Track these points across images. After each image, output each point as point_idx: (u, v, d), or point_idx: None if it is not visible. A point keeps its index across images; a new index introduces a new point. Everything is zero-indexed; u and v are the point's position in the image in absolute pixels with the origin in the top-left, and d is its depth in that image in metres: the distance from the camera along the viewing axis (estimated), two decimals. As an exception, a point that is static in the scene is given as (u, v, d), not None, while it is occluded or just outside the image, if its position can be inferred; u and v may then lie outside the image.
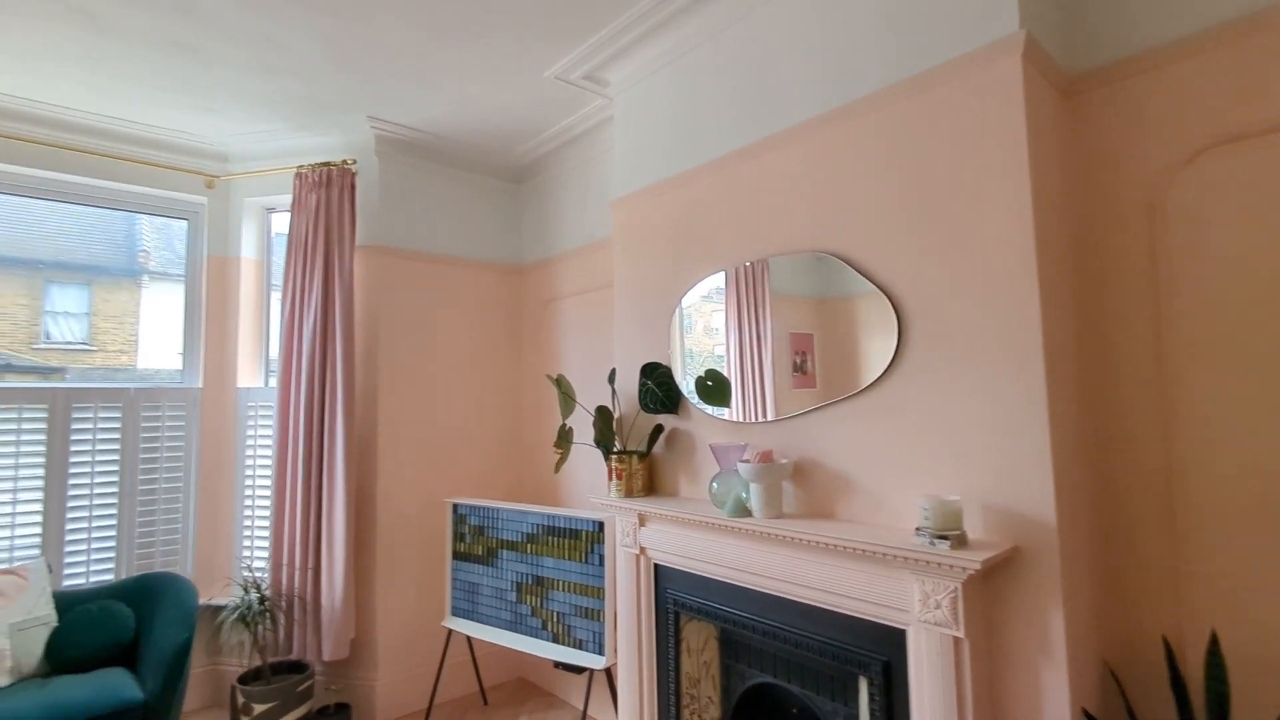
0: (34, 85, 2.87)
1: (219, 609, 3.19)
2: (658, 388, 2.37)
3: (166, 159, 3.43)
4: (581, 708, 3.22)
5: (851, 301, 1.87)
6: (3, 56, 2.65)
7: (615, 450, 2.47)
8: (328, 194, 3.23)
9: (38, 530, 2.99)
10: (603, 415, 2.51)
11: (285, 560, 3.07)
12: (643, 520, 2.33)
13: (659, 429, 2.42)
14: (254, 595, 2.86)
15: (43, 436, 3.04)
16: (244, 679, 2.80)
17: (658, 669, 2.28)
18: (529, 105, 3.14)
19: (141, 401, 3.30)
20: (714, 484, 2.09)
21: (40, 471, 3.02)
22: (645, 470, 2.43)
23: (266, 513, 3.33)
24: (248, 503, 3.43)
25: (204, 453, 3.43)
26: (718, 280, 2.27)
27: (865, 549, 1.61)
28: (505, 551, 3.02)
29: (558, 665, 2.73)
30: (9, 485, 2.94)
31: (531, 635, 2.89)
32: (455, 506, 3.24)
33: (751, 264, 2.16)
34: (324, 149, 3.41)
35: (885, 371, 1.78)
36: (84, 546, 3.10)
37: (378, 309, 3.32)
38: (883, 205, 1.82)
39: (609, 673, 2.64)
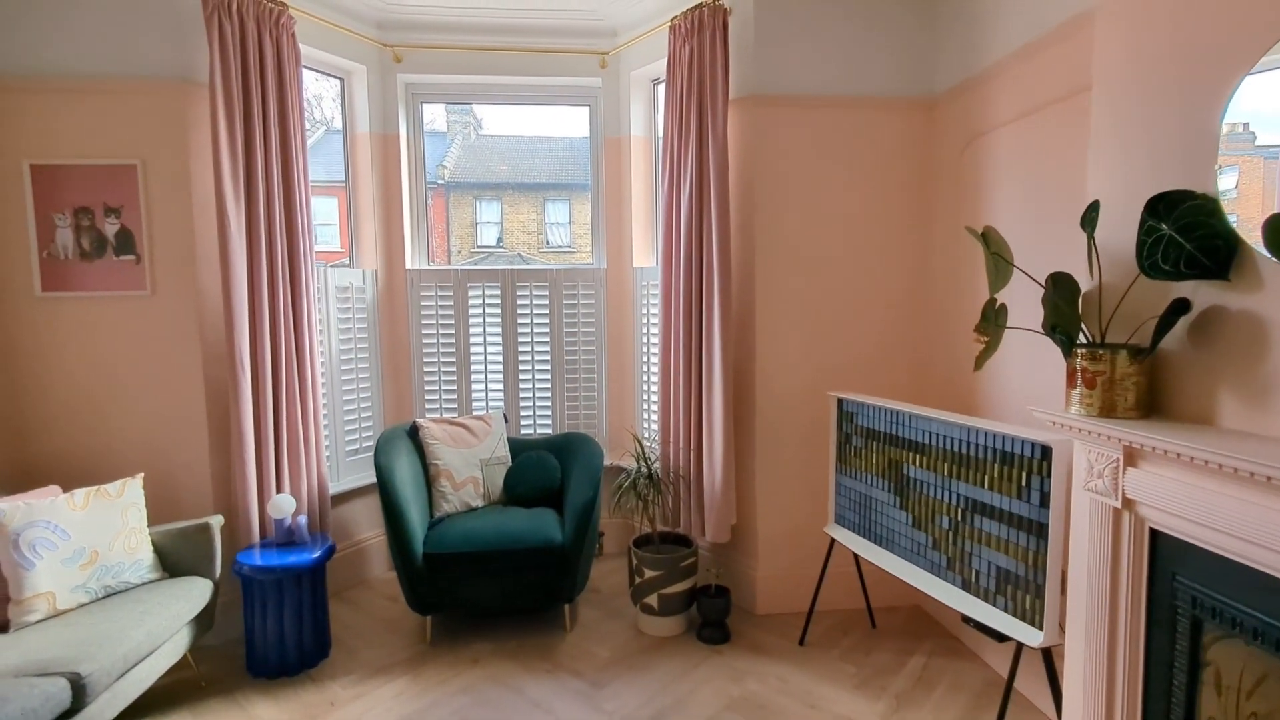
0: (462, -7, 3.18)
1: (620, 471, 3.46)
2: (1185, 233, 1.33)
3: (568, 44, 3.53)
4: (1003, 674, 2.49)
5: None
6: (434, -33, 2.94)
7: (1084, 343, 1.55)
8: (699, 42, 2.84)
9: (500, 385, 3.65)
10: (1061, 286, 1.59)
11: (672, 437, 3.08)
12: (1132, 457, 1.42)
13: (1179, 307, 1.39)
14: (644, 467, 2.94)
15: (498, 312, 3.63)
16: (638, 542, 2.97)
17: (1145, 695, 1.43)
18: None
19: (563, 282, 3.66)
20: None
21: (499, 338, 3.64)
22: (1141, 375, 1.46)
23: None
24: (644, 377, 3.58)
25: (610, 329, 3.67)
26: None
27: None
28: (902, 464, 2.40)
29: (967, 621, 2.06)
30: (479, 348, 3.63)
31: (933, 573, 2.26)
32: (841, 402, 2.73)
33: None
34: (698, -10, 3.00)
35: None
36: (530, 402, 3.68)
37: (754, 170, 2.88)
38: None
39: (1046, 653, 1.87)
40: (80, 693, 1.86)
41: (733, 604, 3.08)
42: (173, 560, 2.48)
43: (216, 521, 2.53)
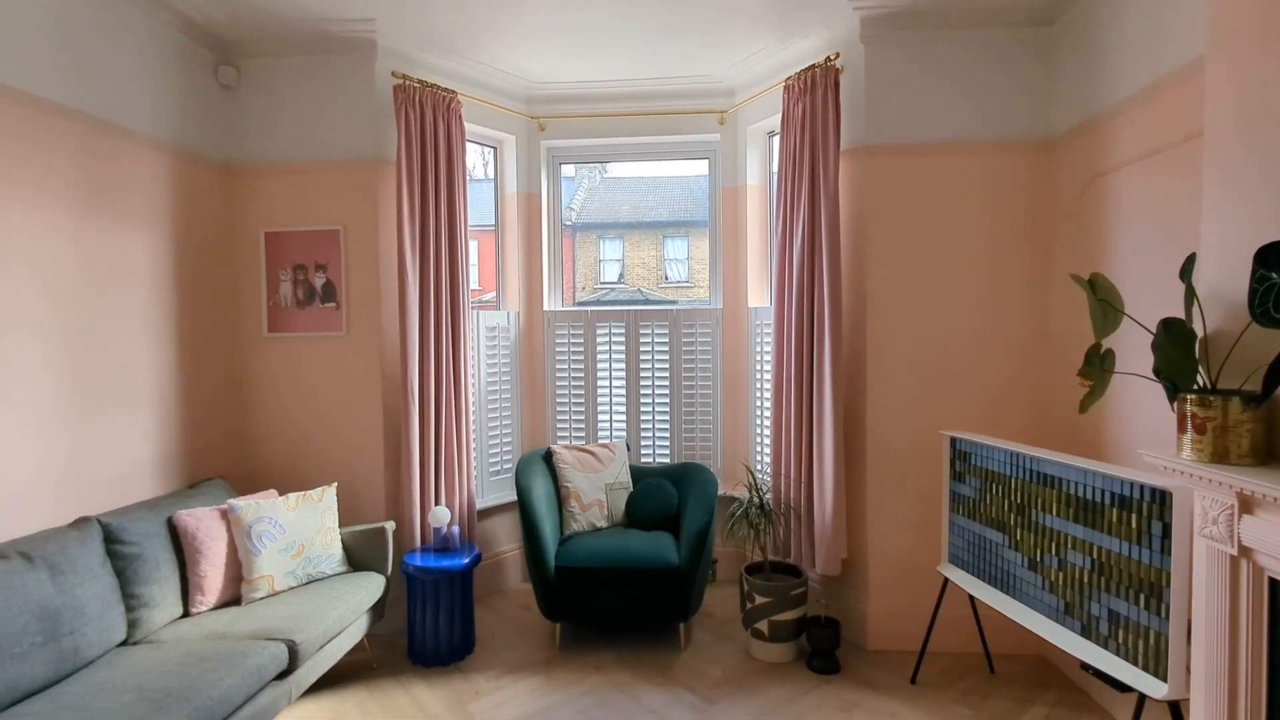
0: (592, 67, 3.61)
1: (733, 500, 3.63)
2: (1296, 284, 1.35)
3: (689, 105, 3.86)
4: (1136, 730, 2.37)
5: None
6: (566, 49, 3.39)
7: (1196, 390, 1.57)
8: (811, 100, 3.05)
9: (623, 416, 3.97)
10: (1173, 332, 1.62)
11: (783, 469, 3.22)
12: (1247, 504, 1.43)
13: (1295, 356, 1.40)
14: (755, 497, 3.10)
15: (623, 348, 3.97)
16: (750, 569, 3.11)
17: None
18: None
19: (682, 321, 3.94)
20: None
21: (623, 373, 3.97)
22: (1256, 422, 1.46)
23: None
24: (758, 412, 3.75)
25: (725, 366, 3.89)
26: None
27: None
28: (1016, 506, 2.40)
29: (1086, 668, 2.03)
30: (604, 381, 3.98)
31: (1049, 617, 2.23)
32: (954, 442, 2.75)
33: None
34: (811, 52, 3.23)
35: None
36: (650, 433, 3.96)
37: (866, 217, 3.02)
38: None
39: (1174, 707, 1.81)
40: (294, 656, 2.32)
41: (843, 637, 3.13)
42: (355, 557, 2.97)
43: (389, 527, 3.01)
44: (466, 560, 3.02)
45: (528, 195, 3.99)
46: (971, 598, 2.82)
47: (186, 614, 2.53)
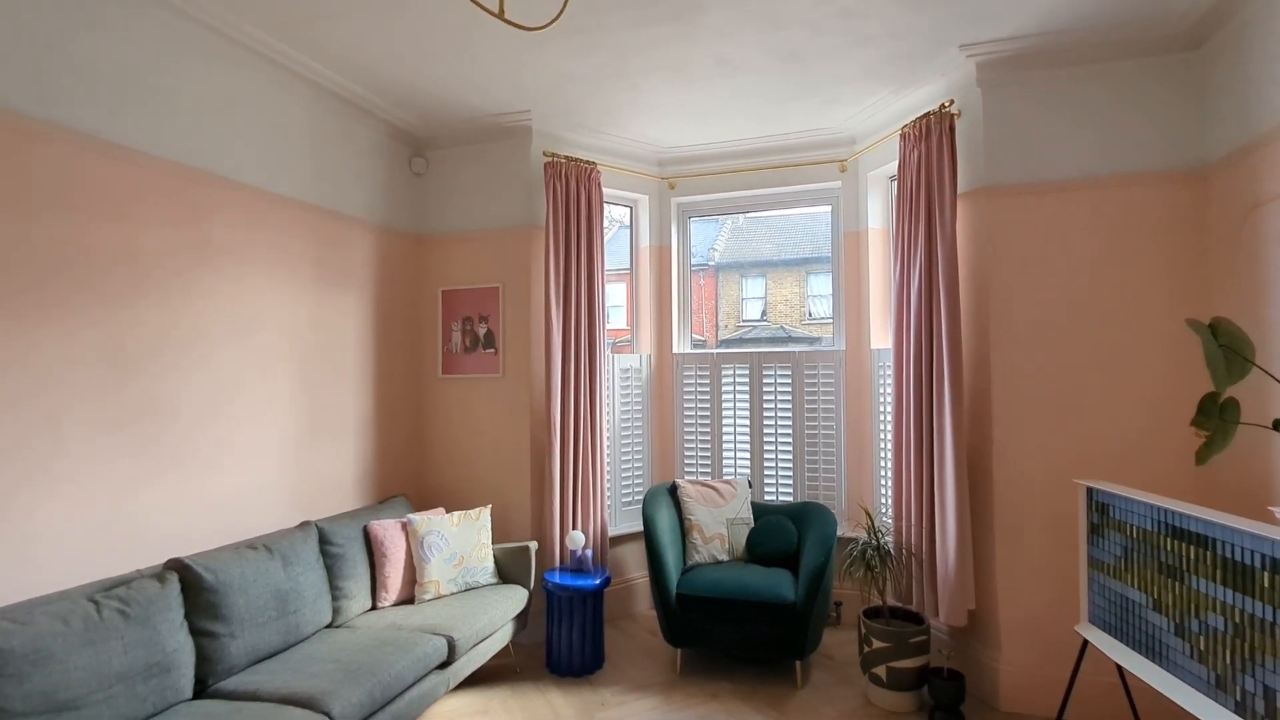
0: (716, 131, 3.92)
1: (853, 541, 3.61)
2: None
3: (810, 157, 4.04)
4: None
5: None
6: (690, 120, 3.74)
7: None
8: (926, 146, 3.11)
9: (746, 454, 4.13)
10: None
11: (904, 512, 3.19)
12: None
13: None
14: (874, 540, 3.11)
15: (747, 389, 4.15)
16: (869, 613, 3.11)
17: None
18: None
19: (804, 363, 4.05)
20: None
21: (746, 412, 4.14)
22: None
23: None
24: (882, 453, 3.72)
25: (848, 407, 3.92)
26: None
27: None
28: (1159, 564, 2.23)
29: (1236, 748, 1.84)
30: (729, 420, 4.17)
31: (1201, 690, 2.04)
32: (1091, 492, 2.60)
33: None
34: (929, 99, 3.29)
35: None
36: (773, 471, 4.07)
37: (988, 258, 2.98)
38: None
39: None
40: (453, 650, 2.75)
41: (969, 692, 2.99)
42: (504, 571, 3.41)
43: (533, 546, 3.42)
44: (598, 581, 3.34)
45: (659, 248, 4.36)
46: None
47: (373, 607, 3.08)
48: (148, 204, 2.43)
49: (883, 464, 3.73)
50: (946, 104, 3.06)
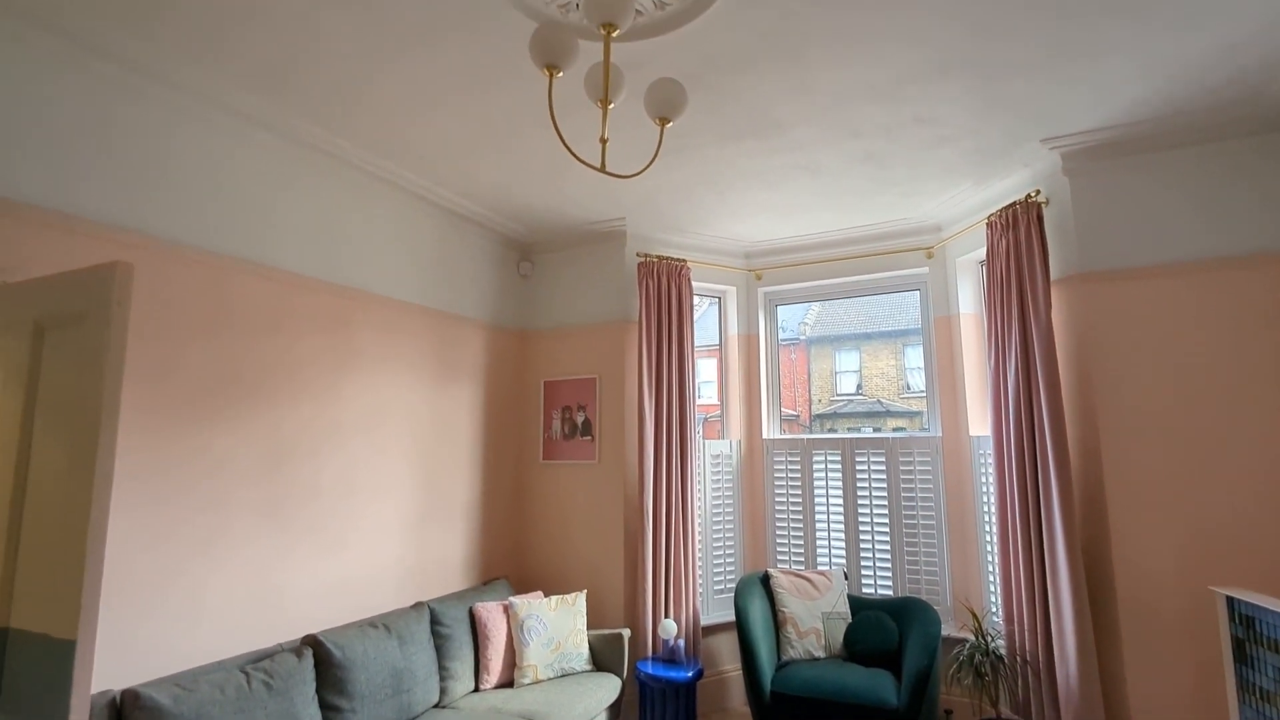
0: (800, 224, 4.09)
1: (960, 642, 3.39)
2: None
3: (896, 245, 4.11)
4: None
5: None
6: (774, 216, 3.93)
7: None
8: (1014, 235, 3.12)
9: (841, 543, 4.03)
10: None
11: (1015, 615, 3.00)
12: None
13: None
14: (983, 643, 2.94)
15: (839, 476, 4.11)
16: (983, 723, 2.90)
17: None
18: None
19: (898, 449, 3.97)
20: None
21: (840, 499, 4.08)
22: None
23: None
24: (988, 547, 3.53)
25: (948, 496, 3.78)
26: None
27: None
28: (1321, 687, 1.99)
29: None
30: (822, 507, 4.11)
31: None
32: (1232, 602, 2.37)
33: None
34: (1014, 189, 3.32)
35: None
36: (870, 563, 3.94)
37: (1087, 345, 2.90)
38: None
39: None
40: (549, 737, 2.82)
41: (1112, 828, 2.67)
42: (598, 657, 3.46)
43: (625, 634, 3.47)
44: (690, 674, 3.32)
45: (747, 336, 4.50)
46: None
47: (476, 688, 3.21)
48: (308, 319, 2.88)
49: (989, 558, 3.54)
50: (1033, 194, 3.08)
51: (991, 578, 3.51)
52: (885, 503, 3.95)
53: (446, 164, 3.23)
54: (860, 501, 4.02)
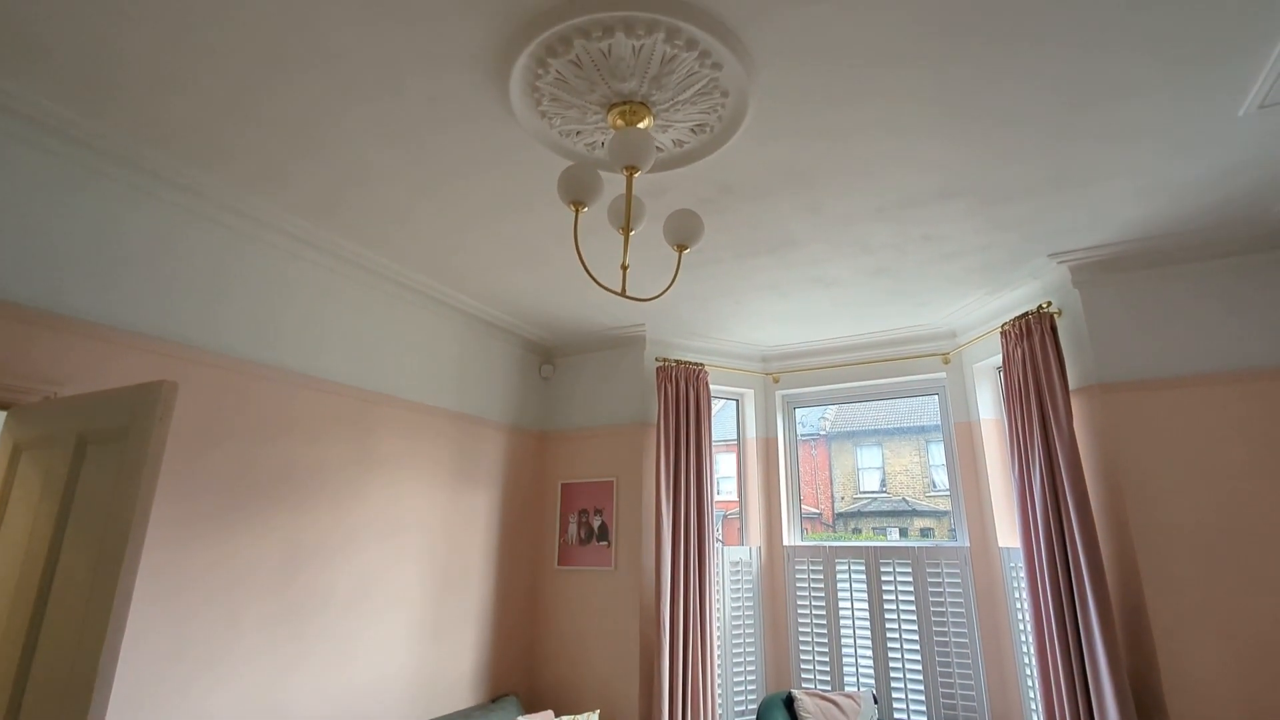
0: (816, 331, 4.17)
1: (1014, 784, 3.12)
2: None
3: (912, 350, 4.16)
4: None
5: None
6: (790, 323, 4.03)
7: None
8: (1029, 345, 3.15)
9: (869, 659, 3.81)
10: None
11: (1063, 750, 2.78)
12: None
13: None
14: (1029, 782, 2.70)
15: (864, 582, 3.95)
16: None
17: None
18: (1239, 150, 2.28)
19: (925, 560, 3.84)
20: None
21: (865, 612, 3.90)
22: None
23: (1047, 687, 3.13)
24: (1027, 668, 3.32)
25: (980, 611, 3.60)
26: None
27: None
28: None
29: None
30: (847, 620, 3.93)
31: None
32: (1298, 741, 2.18)
33: None
34: (1026, 299, 3.39)
35: None
36: (901, 683, 3.71)
37: (1114, 456, 2.85)
38: None
39: None
40: None
41: None
42: (612, 787, 3.23)
43: (642, 759, 3.25)
44: (711, 809, 3.07)
45: (765, 440, 4.49)
46: None
47: (481, 821, 3.00)
48: (333, 425, 2.95)
49: (1029, 680, 3.31)
50: (1045, 304, 3.15)
51: (1033, 703, 3.28)
52: (914, 617, 3.77)
53: (476, 278, 3.40)
54: (888, 614, 3.84)
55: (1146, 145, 2.25)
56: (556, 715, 3.66)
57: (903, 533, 14.95)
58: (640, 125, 1.97)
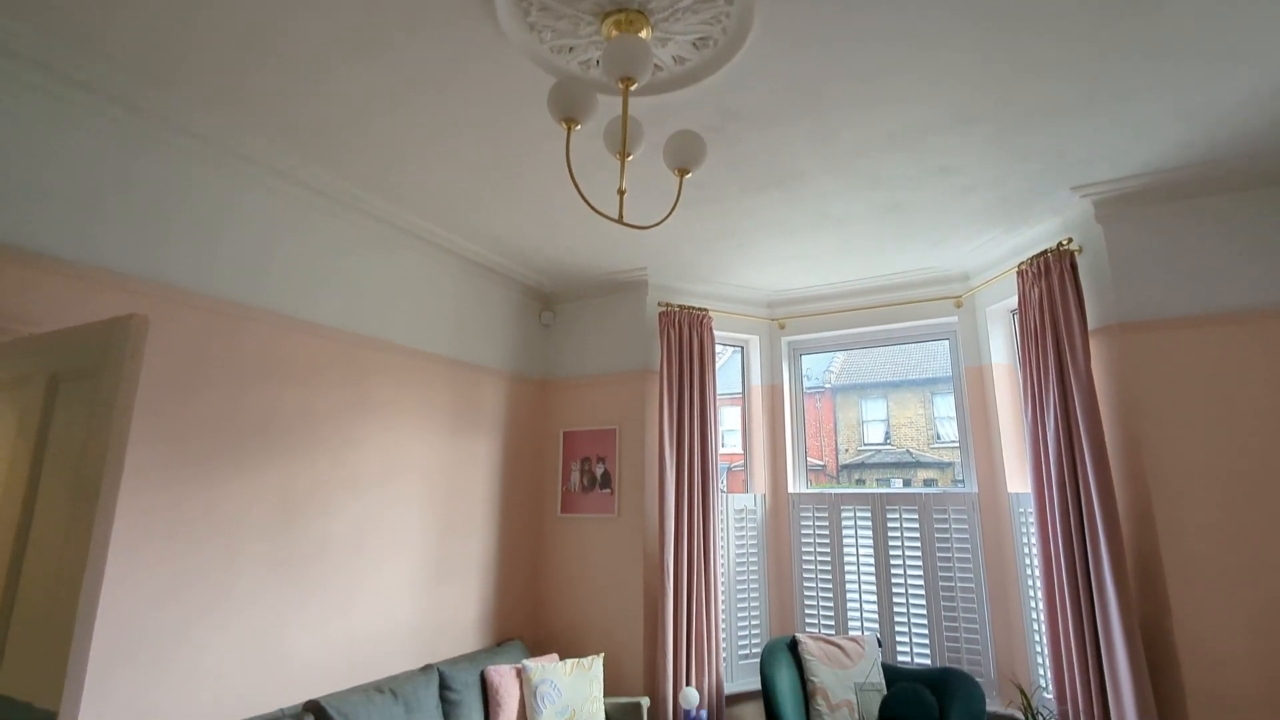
0: (824, 274, 4.03)
1: (1012, 723, 3.14)
2: None
3: (923, 294, 4.02)
4: None
5: None
6: (797, 265, 3.88)
7: None
8: (1047, 284, 3.02)
9: (873, 604, 3.81)
10: None
11: (1067, 693, 2.76)
12: None
13: None
14: (1033, 722, 2.70)
15: (869, 530, 3.92)
16: (1036, 815, 2.63)
17: None
18: (1301, 68, 2.10)
19: (932, 506, 3.78)
20: None
21: (870, 558, 3.88)
22: None
23: (1053, 630, 3.11)
24: (1034, 615, 3.30)
25: (988, 558, 3.57)
26: None
27: None
28: None
29: None
30: (852, 567, 3.91)
31: None
32: (1313, 681, 2.14)
33: None
34: (1045, 236, 3.23)
35: None
36: (905, 629, 3.71)
37: (1133, 399, 2.75)
38: None
39: None
40: (561, 817, 2.63)
41: None
42: (616, 727, 3.27)
43: (644, 703, 3.28)
44: (713, 748, 3.10)
45: (771, 387, 4.40)
46: None
47: (486, 759, 3.04)
48: (326, 370, 2.87)
49: (1036, 628, 3.29)
50: (1065, 241, 3.00)
51: (1039, 649, 3.26)
52: (919, 563, 3.74)
53: (472, 218, 3.26)
54: (893, 561, 3.81)
55: (1191, 56, 2.06)
56: (561, 658, 3.69)
57: (906, 483, 15.04)
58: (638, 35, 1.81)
